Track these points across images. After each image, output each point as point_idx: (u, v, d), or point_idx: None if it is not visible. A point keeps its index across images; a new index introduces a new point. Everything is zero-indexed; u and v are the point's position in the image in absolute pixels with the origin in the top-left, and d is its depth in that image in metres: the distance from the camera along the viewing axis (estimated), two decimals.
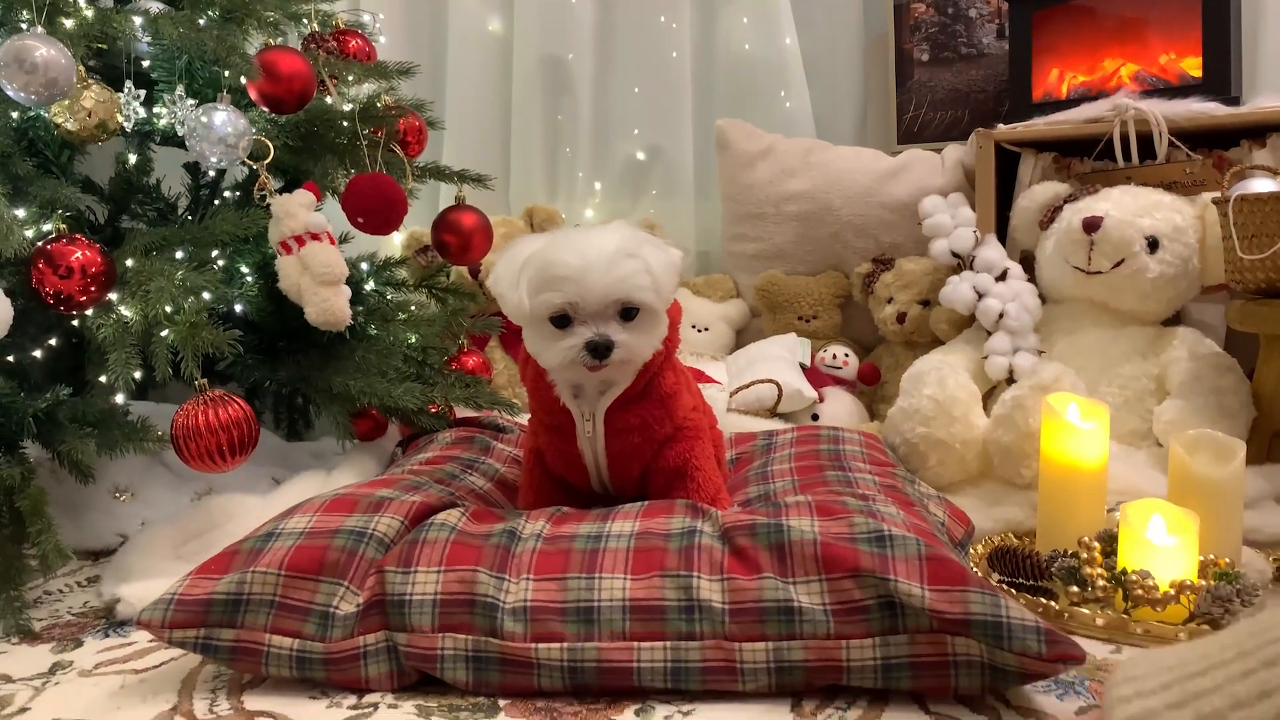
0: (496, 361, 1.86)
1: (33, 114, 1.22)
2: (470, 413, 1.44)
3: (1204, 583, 0.97)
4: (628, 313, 0.94)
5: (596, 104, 2.14)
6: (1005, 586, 1.08)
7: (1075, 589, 1.02)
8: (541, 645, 0.82)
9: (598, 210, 2.16)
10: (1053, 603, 1.01)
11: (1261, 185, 1.32)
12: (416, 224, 1.95)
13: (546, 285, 0.93)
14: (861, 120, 2.13)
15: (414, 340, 1.46)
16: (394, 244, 2.00)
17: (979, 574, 1.10)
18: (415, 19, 2.15)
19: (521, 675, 0.83)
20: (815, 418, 1.70)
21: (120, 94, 1.23)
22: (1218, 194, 1.37)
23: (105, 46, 1.25)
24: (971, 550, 1.18)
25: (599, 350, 0.92)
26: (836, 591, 0.82)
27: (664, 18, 2.10)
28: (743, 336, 2.00)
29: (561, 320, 0.94)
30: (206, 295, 1.16)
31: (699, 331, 1.96)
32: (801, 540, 0.84)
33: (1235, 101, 1.56)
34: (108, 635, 1.02)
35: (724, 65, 2.14)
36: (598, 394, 1.01)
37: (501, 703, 0.83)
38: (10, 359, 1.18)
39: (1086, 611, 0.99)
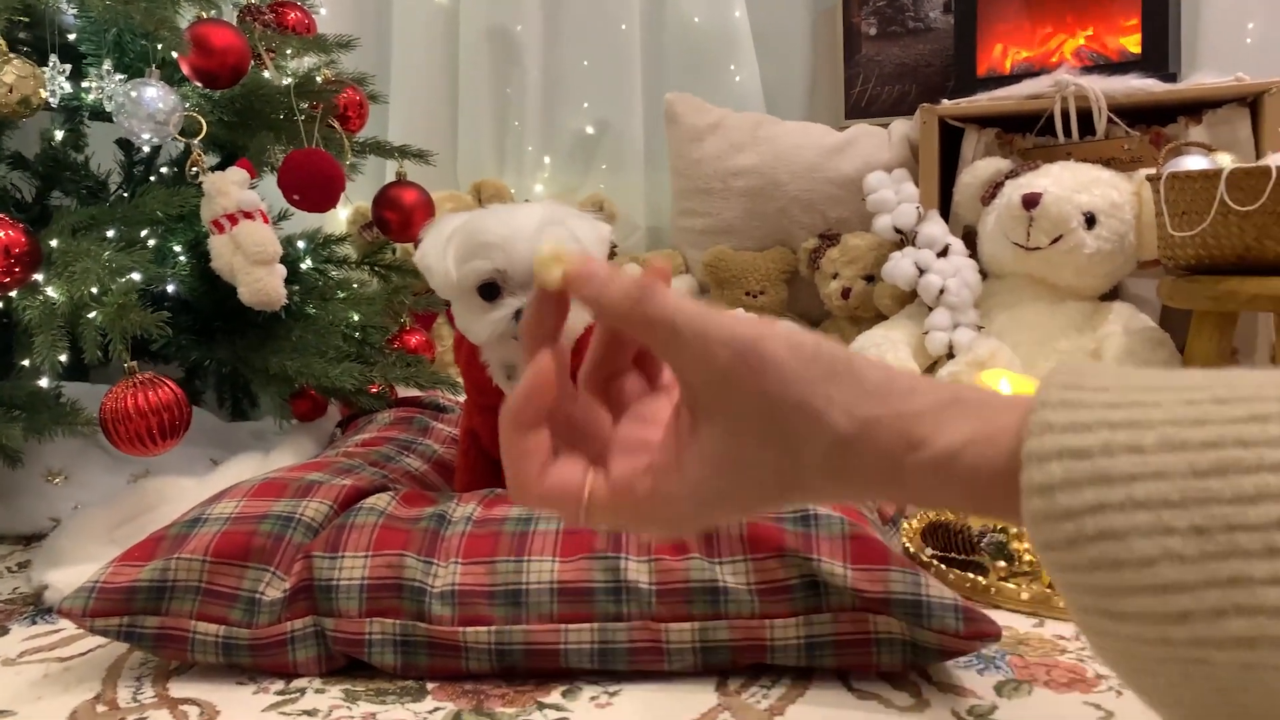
0: (445, 338, 1.85)
1: None
2: (413, 392, 1.44)
3: None
4: None
5: (545, 76, 2.13)
6: (938, 560, 1.10)
7: (1003, 563, 1.04)
8: (469, 629, 0.82)
9: (547, 184, 2.15)
10: (980, 577, 1.03)
11: (1195, 162, 1.34)
12: (362, 199, 1.93)
13: (473, 253, 0.92)
14: (810, 94, 2.13)
15: (355, 319, 1.45)
16: (339, 219, 1.97)
17: (908, 550, 1.13)
18: None
19: (449, 658, 0.83)
20: None
21: (45, 69, 1.20)
22: (1153, 170, 1.39)
23: (28, 20, 1.22)
24: (907, 524, 1.20)
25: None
26: (761, 571, 0.82)
27: None
28: None
29: (489, 291, 0.93)
30: (136, 276, 1.14)
31: None
32: None
33: (1173, 78, 1.58)
34: (34, 623, 1.01)
35: (674, 37, 2.13)
36: None
37: (429, 686, 0.83)
38: None
39: (1012, 586, 1.01)
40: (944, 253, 1.60)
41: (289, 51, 1.46)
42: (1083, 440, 0.30)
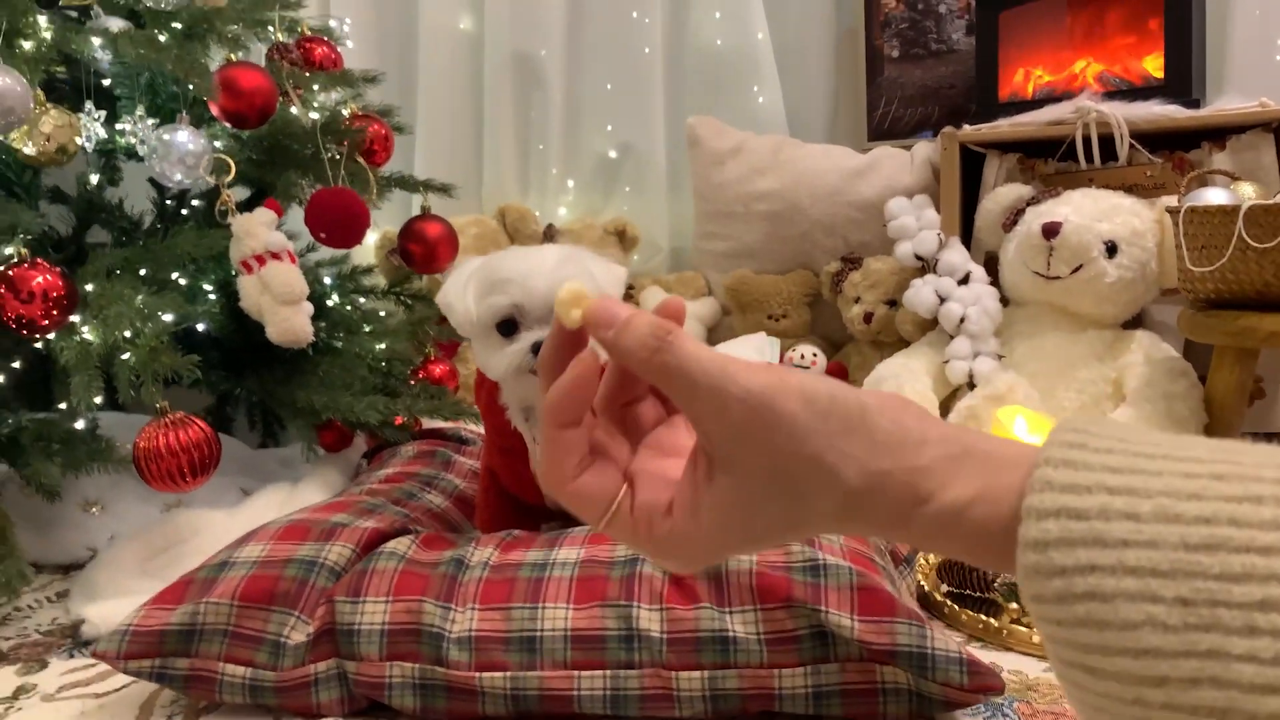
0: (470, 361, 1.88)
1: None
2: (436, 423, 1.46)
3: None
4: None
5: (568, 100, 2.15)
6: (951, 599, 1.11)
7: (1015, 605, 1.05)
8: (485, 674, 0.85)
9: (570, 208, 2.17)
10: (993, 619, 1.04)
11: (1215, 195, 1.33)
12: (390, 224, 1.96)
13: (492, 289, 0.95)
14: (833, 115, 2.14)
15: (381, 348, 1.48)
16: (367, 244, 2.01)
17: (923, 588, 1.14)
18: (385, 19, 2.14)
19: (466, 702, 0.86)
20: None
21: (80, 114, 1.24)
22: (1175, 196, 1.39)
23: (64, 73, 1.26)
24: (923, 560, 1.21)
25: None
26: (770, 621, 0.84)
27: (635, 13, 2.09)
28: (714, 334, 2.02)
29: (507, 327, 0.96)
30: (168, 317, 1.18)
31: None
32: (738, 570, 0.87)
33: (1196, 104, 1.57)
34: (72, 656, 1.05)
35: (696, 60, 2.14)
36: None
37: None
38: None
39: (1024, 629, 1.01)
40: (965, 280, 1.60)
41: (316, 87, 1.49)
42: (1081, 502, 0.31)
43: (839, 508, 0.37)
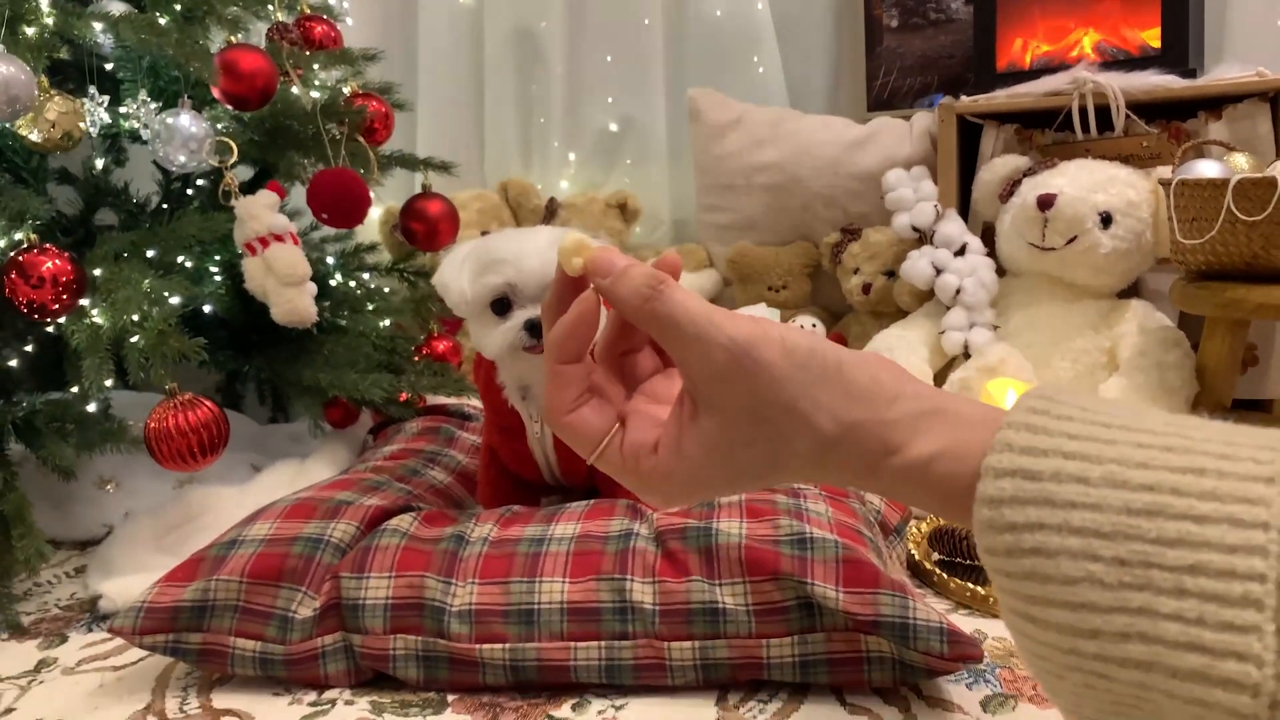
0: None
1: None
2: (440, 399, 1.49)
3: None
4: None
5: (569, 73, 2.15)
6: (941, 567, 1.14)
7: None
8: (485, 646, 0.88)
9: (572, 181, 2.19)
10: (979, 588, 1.07)
11: (1207, 167, 1.34)
12: (393, 199, 1.98)
13: (486, 269, 0.98)
14: (833, 85, 2.14)
15: (385, 325, 1.51)
16: (371, 219, 2.03)
17: (913, 556, 1.16)
18: None
19: (468, 673, 0.89)
20: None
21: (84, 100, 1.26)
22: (1171, 167, 1.40)
23: (67, 58, 1.28)
24: (913, 530, 1.24)
25: (537, 329, 0.96)
26: (758, 593, 0.87)
27: None
28: (716, 305, 2.04)
29: (501, 306, 0.98)
30: (175, 300, 1.20)
31: None
32: (728, 544, 0.90)
33: (1193, 74, 1.57)
34: (90, 630, 1.09)
35: (696, 31, 2.14)
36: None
37: (450, 698, 0.89)
38: None
39: None
40: (961, 252, 1.61)
41: (316, 66, 1.51)
42: (1036, 464, 0.34)
43: (813, 452, 0.40)
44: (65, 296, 1.17)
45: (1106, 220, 1.48)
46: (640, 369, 0.47)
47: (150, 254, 1.29)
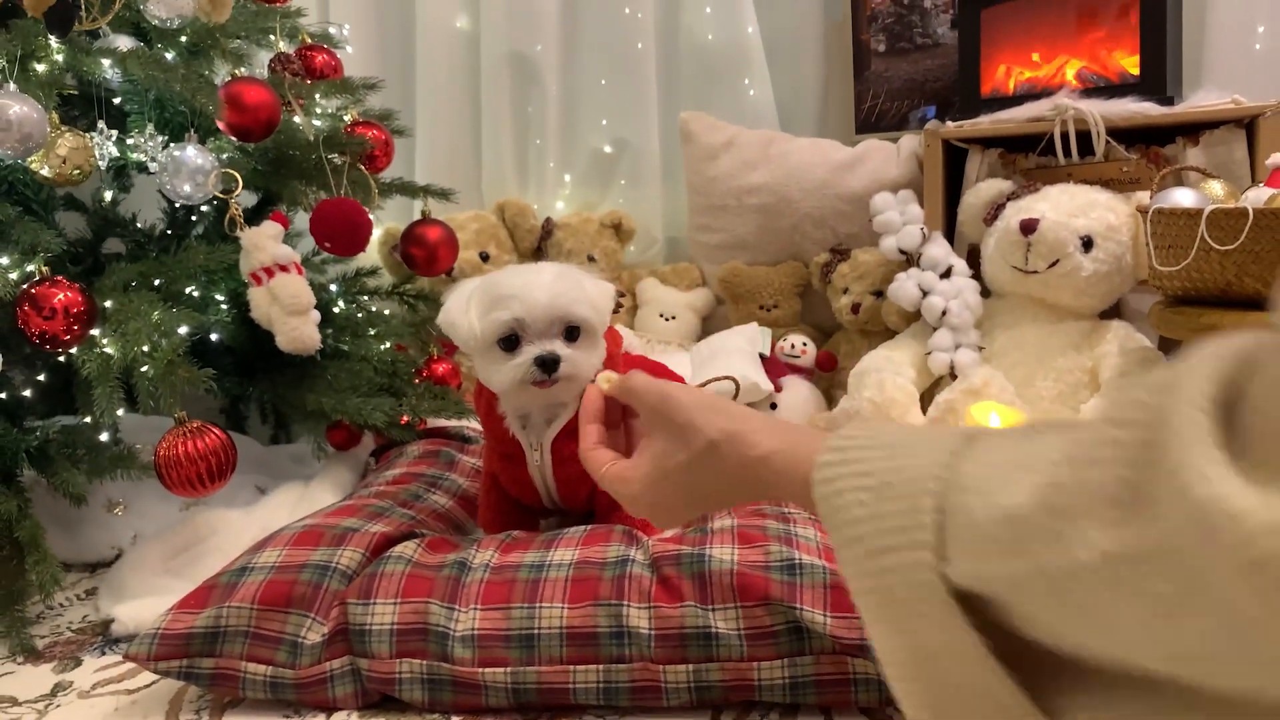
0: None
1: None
2: (441, 421, 1.53)
3: None
4: (571, 332, 1.02)
5: (564, 96, 2.19)
6: None
7: None
8: (487, 670, 0.92)
9: (568, 201, 2.23)
10: None
11: (1183, 195, 1.38)
12: (392, 220, 2.02)
13: (494, 305, 1.01)
14: (822, 107, 2.18)
15: (386, 348, 1.54)
16: (370, 241, 2.07)
17: None
18: (384, 20, 2.19)
19: (471, 695, 0.93)
20: (774, 407, 1.79)
21: (93, 134, 1.30)
22: (1150, 191, 1.44)
23: (76, 93, 1.31)
24: None
25: (547, 364, 1.00)
26: (750, 618, 0.91)
27: (628, 9, 2.13)
28: (709, 323, 2.08)
29: (510, 342, 1.01)
30: (183, 329, 1.24)
31: (666, 320, 2.04)
32: (720, 570, 0.93)
33: (1170, 101, 1.61)
34: (104, 653, 1.12)
35: (688, 54, 2.18)
36: (544, 424, 1.09)
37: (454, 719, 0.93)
38: (4, 396, 1.26)
39: None
40: (947, 274, 1.65)
41: (317, 96, 1.55)
42: (844, 443, 0.50)
43: (704, 455, 0.59)
44: (76, 327, 1.20)
45: (1088, 244, 1.52)
46: (637, 431, 0.72)
47: (158, 283, 1.32)
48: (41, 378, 1.29)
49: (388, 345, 1.56)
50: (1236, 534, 0.30)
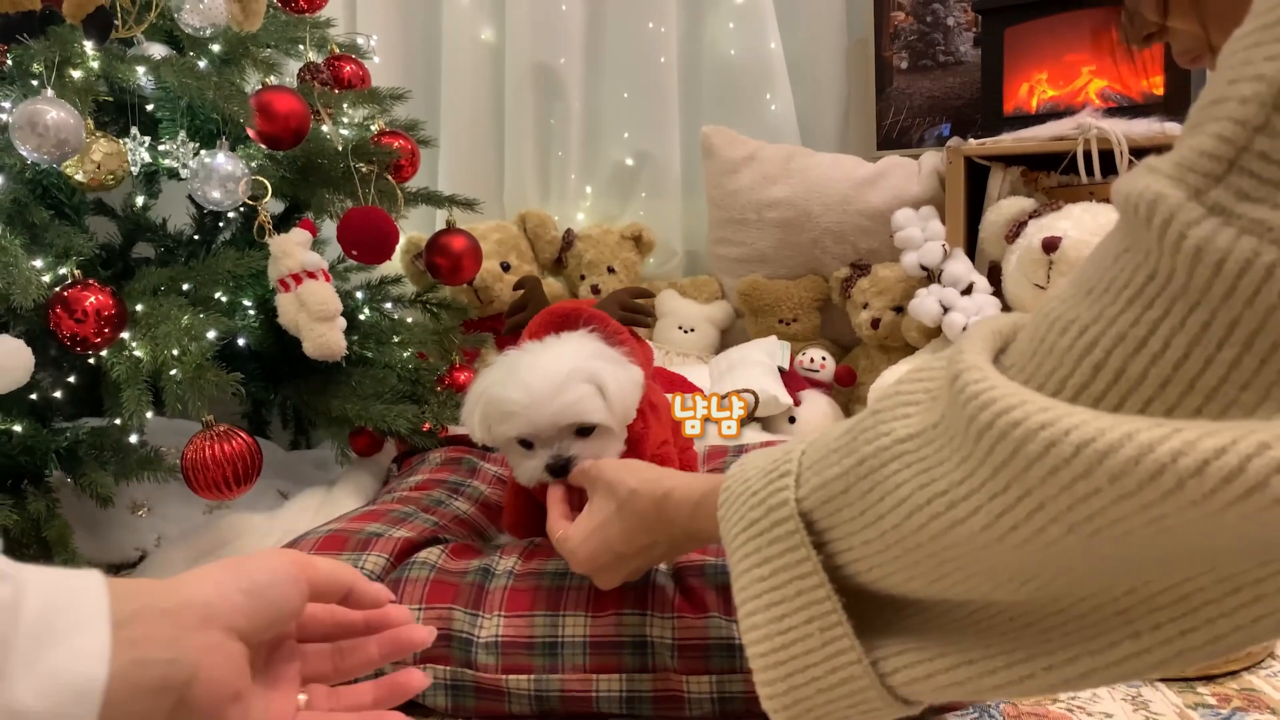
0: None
1: None
2: (462, 429, 1.54)
3: None
4: (584, 429, 0.98)
5: (587, 108, 2.21)
6: None
7: None
8: (511, 676, 0.92)
9: (589, 213, 2.24)
10: None
11: None
12: (415, 229, 2.04)
13: (500, 420, 0.98)
14: (843, 123, 2.19)
15: (409, 355, 1.56)
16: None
17: None
18: (410, 32, 2.21)
19: (494, 701, 0.94)
20: (792, 420, 1.80)
21: (126, 140, 1.32)
22: None
23: (110, 99, 1.33)
24: None
25: (557, 470, 0.96)
26: None
27: (652, 23, 2.15)
28: (727, 336, 2.09)
29: (525, 441, 0.99)
30: (211, 334, 1.25)
31: (685, 333, 2.04)
32: None
33: None
34: None
35: (710, 69, 2.20)
36: None
37: None
38: (34, 397, 1.28)
39: None
40: (968, 291, 1.66)
41: (345, 105, 1.56)
42: (738, 468, 0.61)
43: (627, 502, 0.75)
44: (107, 330, 1.22)
45: None
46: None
47: (186, 288, 1.34)
48: (71, 379, 1.31)
49: (410, 353, 1.58)
50: (978, 401, 0.42)
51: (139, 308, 1.24)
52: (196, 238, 1.62)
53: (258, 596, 0.44)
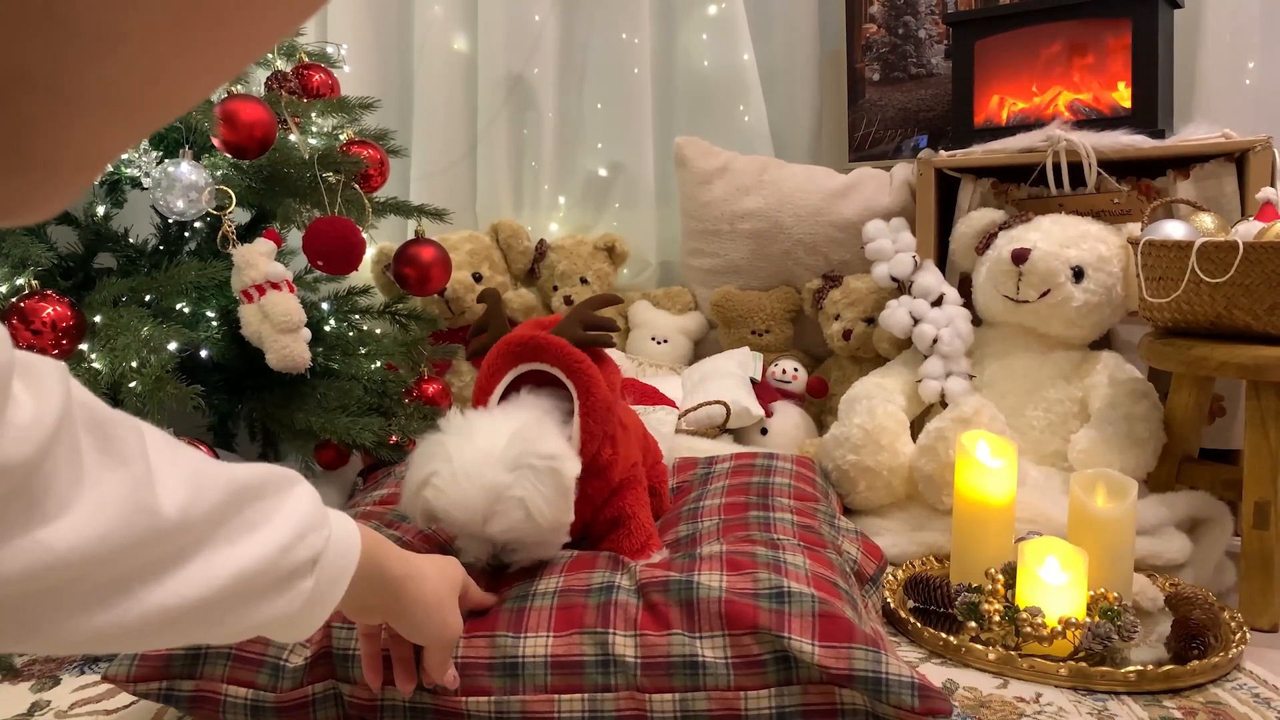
0: (464, 373, 1.94)
1: None
2: None
3: (1088, 620, 1.07)
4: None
5: (560, 118, 2.20)
6: (915, 616, 1.18)
7: (973, 624, 1.11)
8: (471, 699, 0.91)
9: (562, 224, 2.23)
10: (952, 637, 1.11)
11: (1174, 228, 1.39)
12: (385, 239, 2.02)
13: (433, 519, 1.00)
14: (816, 134, 2.20)
15: (376, 367, 1.54)
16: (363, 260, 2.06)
17: (889, 605, 1.20)
18: (383, 40, 2.20)
19: None
20: (764, 432, 1.79)
21: None
22: (1141, 223, 1.45)
23: None
24: (891, 576, 1.27)
25: (496, 572, 1.01)
26: (737, 646, 0.90)
27: (625, 34, 2.15)
28: (701, 347, 2.08)
29: None
30: (172, 346, 1.23)
31: (658, 343, 2.04)
32: (708, 597, 0.93)
33: (1161, 134, 1.63)
34: (83, 672, 1.11)
35: (684, 80, 2.20)
36: None
37: None
38: None
39: (980, 647, 1.08)
40: (938, 302, 1.66)
41: (314, 115, 1.55)
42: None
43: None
44: (65, 342, 1.20)
45: (1079, 274, 1.53)
46: None
47: (148, 298, 1.32)
48: None
49: (378, 364, 1.56)
50: None
51: (98, 319, 1.22)
52: (161, 248, 1.60)
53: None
